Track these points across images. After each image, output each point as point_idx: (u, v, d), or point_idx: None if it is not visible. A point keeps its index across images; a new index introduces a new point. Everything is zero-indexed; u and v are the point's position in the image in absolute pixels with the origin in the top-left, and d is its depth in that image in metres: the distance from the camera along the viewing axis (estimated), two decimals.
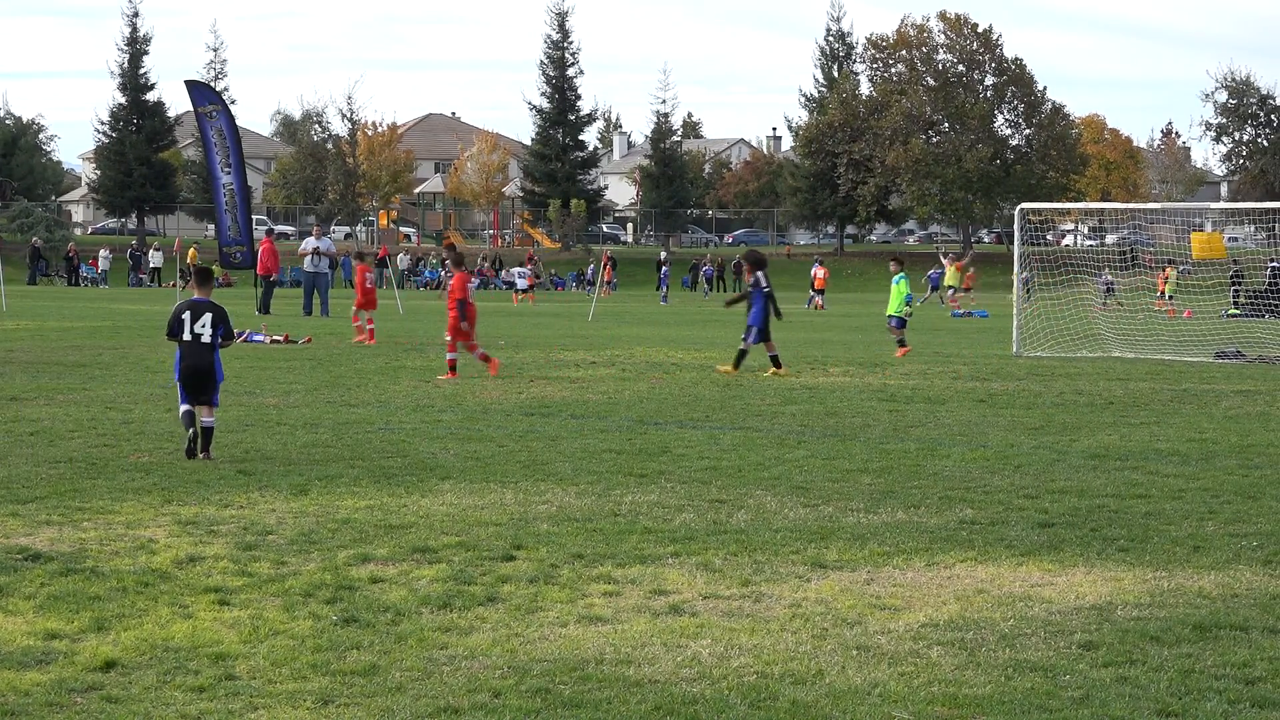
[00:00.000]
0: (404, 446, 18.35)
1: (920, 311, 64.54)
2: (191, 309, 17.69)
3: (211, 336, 17.57)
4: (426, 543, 12.66)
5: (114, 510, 14.00)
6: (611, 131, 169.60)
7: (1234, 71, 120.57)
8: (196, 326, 17.56)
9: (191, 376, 17.44)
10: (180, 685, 8.77)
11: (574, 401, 23.77)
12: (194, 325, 17.57)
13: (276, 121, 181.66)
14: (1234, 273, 60.01)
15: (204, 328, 17.55)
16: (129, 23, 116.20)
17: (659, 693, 8.70)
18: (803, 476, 16.30)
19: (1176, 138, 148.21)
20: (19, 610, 10.40)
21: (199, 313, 17.65)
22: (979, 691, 8.74)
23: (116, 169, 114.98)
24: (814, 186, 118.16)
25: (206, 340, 17.55)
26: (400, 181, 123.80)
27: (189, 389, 17.42)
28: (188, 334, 17.56)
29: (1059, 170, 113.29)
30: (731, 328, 48.71)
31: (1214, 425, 21.34)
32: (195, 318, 17.61)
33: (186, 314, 17.65)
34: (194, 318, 17.61)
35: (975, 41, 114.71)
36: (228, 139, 44.07)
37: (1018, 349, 35.88)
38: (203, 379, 17.45)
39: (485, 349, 28.38)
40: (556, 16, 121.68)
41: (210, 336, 17.57)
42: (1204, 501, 14.92)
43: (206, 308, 17.70)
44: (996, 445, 18.99)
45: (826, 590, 11.18)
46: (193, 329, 17.56)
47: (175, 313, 17.78)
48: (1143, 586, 11.34)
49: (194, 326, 17.56)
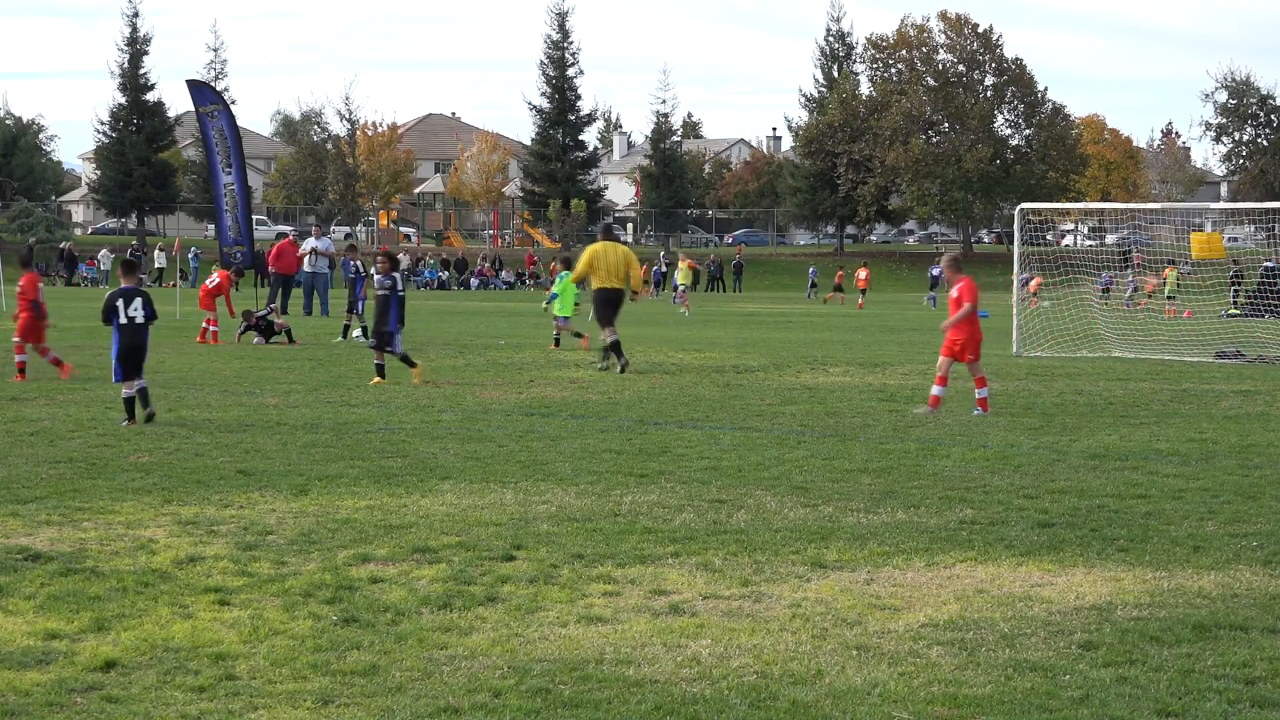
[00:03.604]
0: (404, 446, 18.35)
1: (919, 312, 64.62)
2: (124, 296, 20.33)
3: (144, 318, 20.27)
4: (426, 543, 12.66)
5: (114, 510, 14.00)
6: (611, 131, 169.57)
7: (1234, 72, 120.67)
8: (130, 310, 20.24)
9: (131, 354, 20.12)
10: (180, 685, 8.77)
11: (574, 401, 23.77)
12: (128, 310, 20.23)
13: (276, 121, 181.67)
14: (1234, 273, 60.00)
15: (136, 310, 20.27)
16: (129, 23, 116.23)
17: (659, 693, 8.70)
18: (803, 476, 16.30)
19: (1176, 138, 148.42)
20: (19, 610, 10.40)
21: (130, 299, 20.31)
22: (979, 691, 8.73)
23: (116, 169, 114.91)
24: (814, 186, 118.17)
25: (140, 321, 20.27)
26: (400, 182, 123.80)
27: (127, 365, 20.09)
28: (123, 318, 20.19)
29: (1059, 170, 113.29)
30: (732, 328, 48.74)
31: (1214, 425, 21.34)
32: (128, 304, 20.27)
33: (120, 301, 20.25)
34: (126, 304, 20.25)
35: (975, 41, 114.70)
36: (228, 139, 43.98)
37: (1017, 349, 35.89)
38: (140, 355, 20.20)
39: (55, 355, 26.85)
40: (556, 16, 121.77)
41: (143, 318, 20.26)
42: (1204, 501, 14.92)
43: (136, 294, 20.43)
44: (996, 445, 18.99)
45: (826, 590, 11.18)
46: (127, 313, 20.21)
47: (109, 300, 20.33)
48: (1143, 586, 11.34)
49: (128, 311, 20.22)
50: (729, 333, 45.50)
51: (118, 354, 20.11)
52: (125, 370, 20.11)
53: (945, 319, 22.64)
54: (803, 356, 33.35)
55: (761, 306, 71.01)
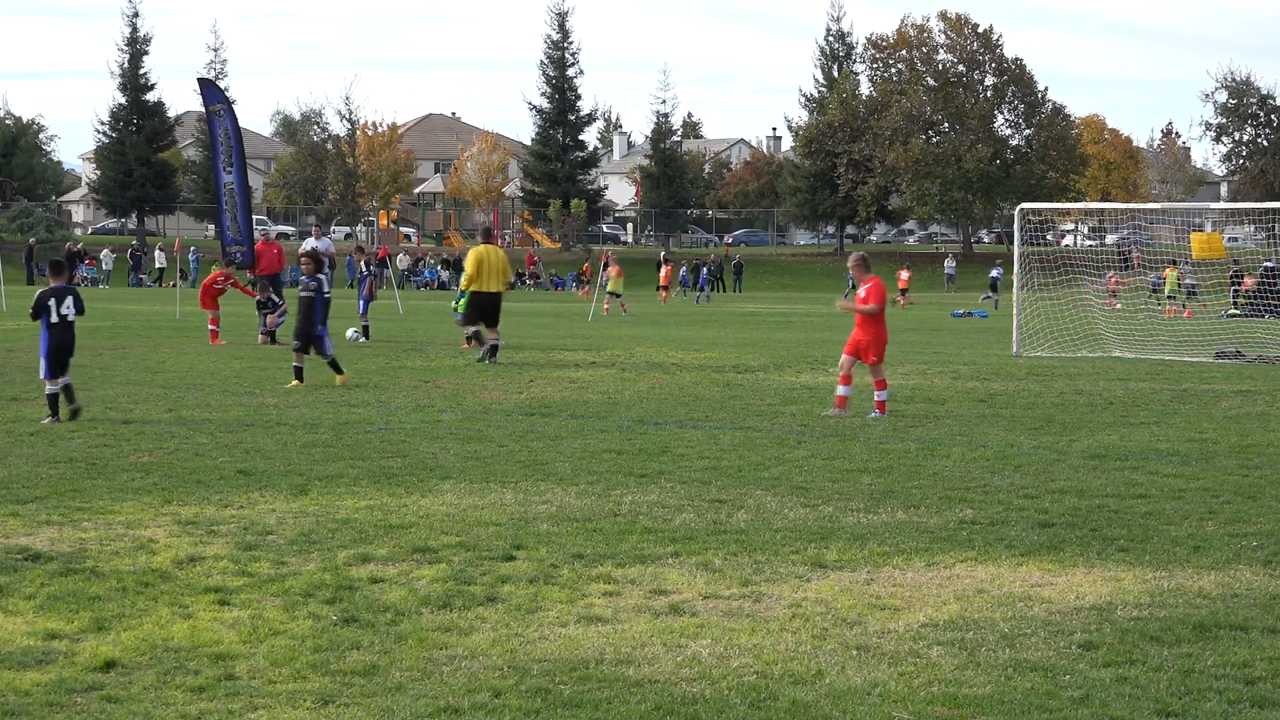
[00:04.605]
0: (404, 446, 18.35)
1: (922, 312, 64.58)
2: (55, 295, 20.45)
3: (75, 314, 20.44)
4: (426, 543, 12.66)
5: (114, 510, 14.01)
6: (611, 131, 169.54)
7: (1234, 72, 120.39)
8: (62, 309, 20.40)
9: (61, 351, 20.31)
10: (180, 685, 8.77)
11: (574, 401, 23.77)
12: (59, 308, 20.38)
13: (276, 122, 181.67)
14: (1234, 273, 59.96)
15: (68, 309, 20.44)
16: (129, 23, 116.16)
17: (659, 693, 8.70)
18: (803, 476, 16.30)
19: (1176, 138, 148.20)
20: (19, 610, 10.40)
21: (62, 297, 20.47)
22: (979, 691, 8.73)
23: (116, 169, 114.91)
24: (814, 186, 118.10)
25: (71, 319, 20.47)
26: (400, 182, 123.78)
27: (56, 362, 20.22)
28: (55, 316, 20.33)
29: (1059, 170, 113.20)
30: (732, 328, 48.74)
31: (1214, 425, 21.34)
32: (59, 302, 20.42)
33: (52, 300, 20.40)
34: (58, 303, 20.41)
35: (975, 41, 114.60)
36: (231, 138, 43.98)
37: (1018, 349, 35.88)
38: (67, 353, 20.42)
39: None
40: (556, 16, 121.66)
41: (74, 314, 20.44)
42: (1204, 501, 14.92)
43: (67, 292, 20.61)
44: (996, 445, 18.99)
45: (826, 590, 11.18)
46: (59, 311, 20.37)
47: (41, 298, 20.44)
48: (1143, 586, 11.34)
49: (59, 309, 20.38)
50: (729, 333, 45.49)
51: (47, 351, 20.31)
52: (53, 367, 20.25)
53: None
54: (803, 356, 33.35)
55: (761, 307, 71.01)
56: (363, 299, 39.32)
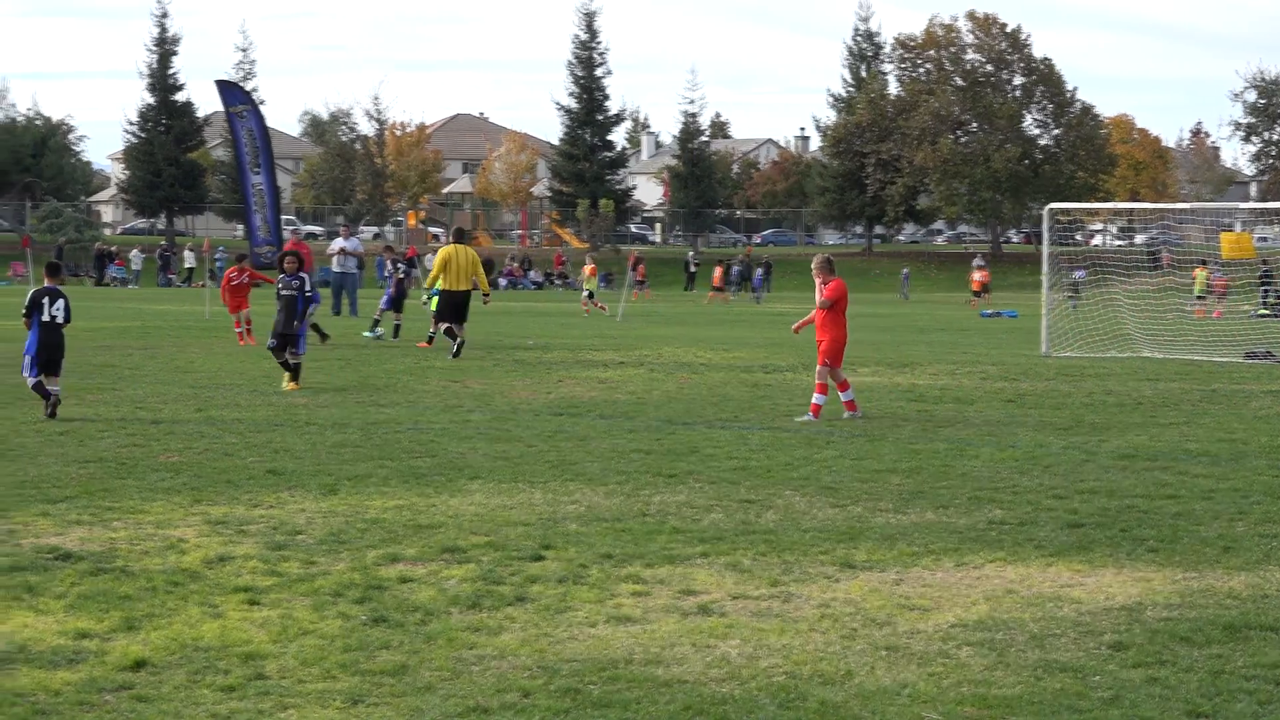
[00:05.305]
0: (433, 446, 18.37)
1: (949, 312, 64.47)
2: (49, 295, 20.81)
3: (63, 319, 20.80)
4: (455, 543, 12.68)
5: (144, 510, 14.05)
6: (639, 132, 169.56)
7: (1263, 71, 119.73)
8: (52, 310, 20.72)
9: (49, 351, 20.64)
10: (210, 685, 8.80)
11: (602, 401, 23.78)
12: (50, 309, 20.71)
13: (304, 122, 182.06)
14: (1263, 273, 59.73)
15: (58, 311, 20.78)
16: (157, 23, 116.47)
17: (688, 693, 8.70)
18: (831, 477, 16.29)
19: (1205, 137, 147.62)
20: (50, 609, 10.44)
21: (54, 299, 20.80)
22: (1009, 692, 8.72)
23: (145, 169, 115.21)
24: (842, 186, 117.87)
25: (60, 321, 20.80)
26: (428, 182, 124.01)
27: (44, 362, 20.58)
28: (45, 316, 20.64)
29: (1088, 170, 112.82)
30: (760, 328, 48.70)
31: (1244, 425, 21.27)
32: (51, 303, 20.76)
33: (45, 299, 20.75)
34: (50, 303, 20.74)
35: (1003, 41, 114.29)
36: (257, 139, 44.16)
37: (1046, 349, 35.79)
38: (57, 353, 20.74)
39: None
40: (584, 17, 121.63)
41: (63, 318, 20.79)
42: (1234, 502, 14.87)
43: (59, 295, 20.90)
44: (1025, 445, 18.95)
45: (855, 590, 11.17)
46: (50, 311, 20.70)
47: (34, 297, 20.78)
48: (1173, 587, 11.31)
49: (50, 310, 20.71)
50: (757, 333, 45.44)
51: (35, 350, 20.63)
52: (42, 368, 20.61)
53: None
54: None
55: (790, 307, 70.91)
56: (388, 296, 39.33)
